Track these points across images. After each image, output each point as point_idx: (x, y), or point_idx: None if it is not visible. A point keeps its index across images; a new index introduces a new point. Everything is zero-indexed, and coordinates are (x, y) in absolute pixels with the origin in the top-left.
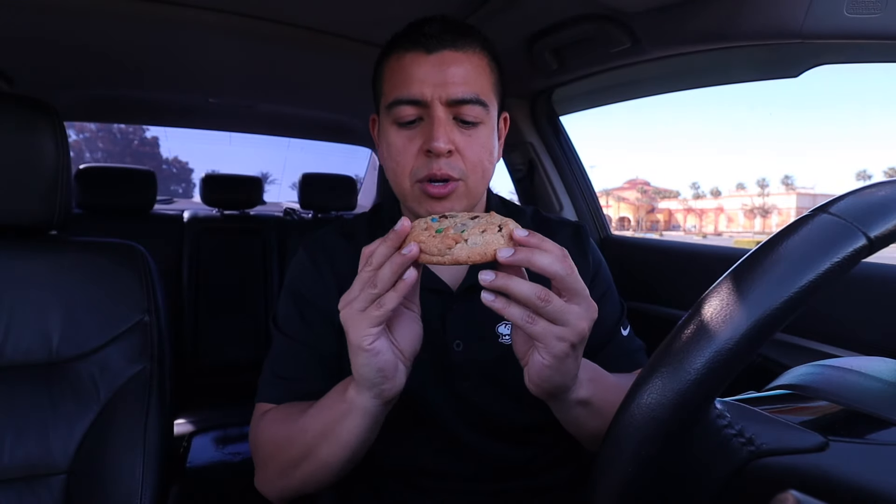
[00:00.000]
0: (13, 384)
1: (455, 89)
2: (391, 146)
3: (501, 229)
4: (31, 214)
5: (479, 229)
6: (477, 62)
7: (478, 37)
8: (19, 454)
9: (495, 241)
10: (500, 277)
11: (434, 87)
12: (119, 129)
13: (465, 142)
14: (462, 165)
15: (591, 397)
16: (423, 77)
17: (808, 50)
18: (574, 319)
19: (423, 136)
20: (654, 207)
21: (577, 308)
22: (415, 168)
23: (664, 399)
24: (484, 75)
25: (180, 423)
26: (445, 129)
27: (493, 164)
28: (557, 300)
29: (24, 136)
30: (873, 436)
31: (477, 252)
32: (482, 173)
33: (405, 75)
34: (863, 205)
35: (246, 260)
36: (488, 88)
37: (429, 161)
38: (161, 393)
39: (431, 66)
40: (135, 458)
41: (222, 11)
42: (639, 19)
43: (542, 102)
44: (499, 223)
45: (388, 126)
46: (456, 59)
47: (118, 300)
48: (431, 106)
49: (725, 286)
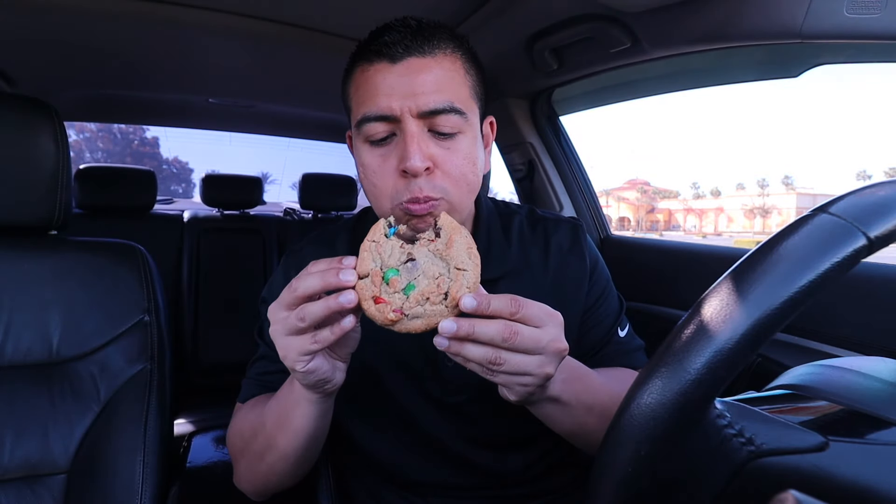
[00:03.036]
0: (13, 384)
1: (426, 99)
2: (366, 167)
3: (447, 297)
4: (31, 214)
5: (423, 295)
6: (448, 66)
7: (447, 37)
8: (19, 454)
9: (437, 314)
10: (461, 328)
11: (403, 99)
12: (119, 129)
13: (443, 156)
14: (443, 183)
15: (561, 395)
16: (390, 90)
17: (807, 50)
18: (536, 369)
19: (398, 154)
20: (654, 207)
21: (540, 358)
22: (395, 192)
23: (664, 399)
24: (458, 79)
25: (180, 422)
26: (420, 146)
27: (479, 176)
28: (514, 357)
29: (25, 136)
30: (873, 436)
31: (418, 326)
32: (467, 187)
33: (371, 89)
34: (863, 205)
35: (246, 260)
36: (465, 93)
37: (409, 183)
38: (161, 393)
39: (398, 76)
40: (135, 457)
41: (222, 11)
42: (638, 19)
43: (542, 102)
44: (448, 280)
45: (361, 144)
46: (424, 65)
47: (118, 300)
48: (402, 120)
49: (725, 286)
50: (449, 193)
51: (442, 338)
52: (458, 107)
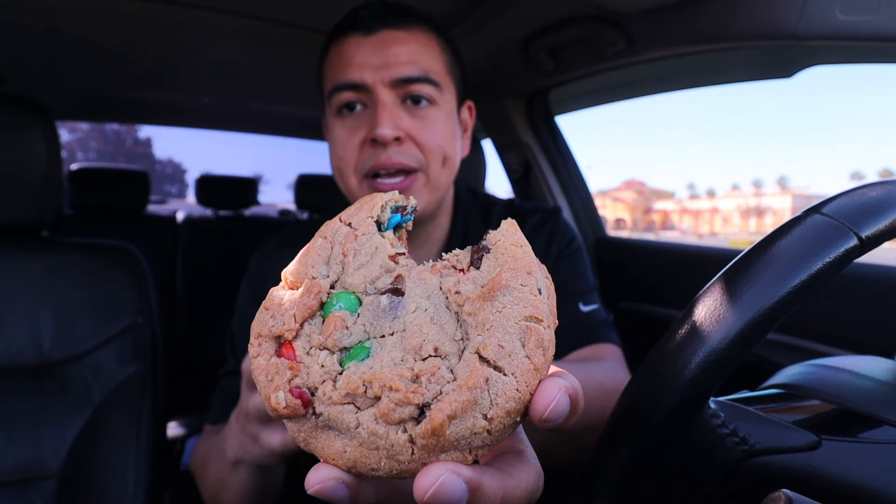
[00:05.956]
0: (4, 386)
1: (399, 69)
2: (335, 140)
3: (422, 415)
4: (21, 215)
5: (382, 384)
6: (424, 41)
7: (423, 17)
8: (10, 457)
9: (388, 452)
10: None
11: (375, 70)
12: (112, 129)
13: (417, 126)
14: (417, 153)
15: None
16: (363, 60)
17: (801, 51)
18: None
19: (368, 124)
20: (650, 208)
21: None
22: (360, 161)
23: (658, 399)
24: (433, 54)
25: (174, 425)
26: (392, 114)
27: (457, 153)
28: None
29: (15, 136)
30: (865, 434)
31: (333, 453)
32: (444, 160)
33: (344, 60)
34: (854, 205)
35: (240, 261)
36: (440, 69)
37: (375, 152)
38: (154, 395)
39: (371, 47)
40: (128, 460)
41: (216, 11)
42: (633, 20)
43: (538, 103)
44: (444, 379)
45: (332, 119)
46: (398, 38)
47: (110, 302)
48: (374, 90)
49: (718, 287)
50: (425, 165)
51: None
52: (432, 77)
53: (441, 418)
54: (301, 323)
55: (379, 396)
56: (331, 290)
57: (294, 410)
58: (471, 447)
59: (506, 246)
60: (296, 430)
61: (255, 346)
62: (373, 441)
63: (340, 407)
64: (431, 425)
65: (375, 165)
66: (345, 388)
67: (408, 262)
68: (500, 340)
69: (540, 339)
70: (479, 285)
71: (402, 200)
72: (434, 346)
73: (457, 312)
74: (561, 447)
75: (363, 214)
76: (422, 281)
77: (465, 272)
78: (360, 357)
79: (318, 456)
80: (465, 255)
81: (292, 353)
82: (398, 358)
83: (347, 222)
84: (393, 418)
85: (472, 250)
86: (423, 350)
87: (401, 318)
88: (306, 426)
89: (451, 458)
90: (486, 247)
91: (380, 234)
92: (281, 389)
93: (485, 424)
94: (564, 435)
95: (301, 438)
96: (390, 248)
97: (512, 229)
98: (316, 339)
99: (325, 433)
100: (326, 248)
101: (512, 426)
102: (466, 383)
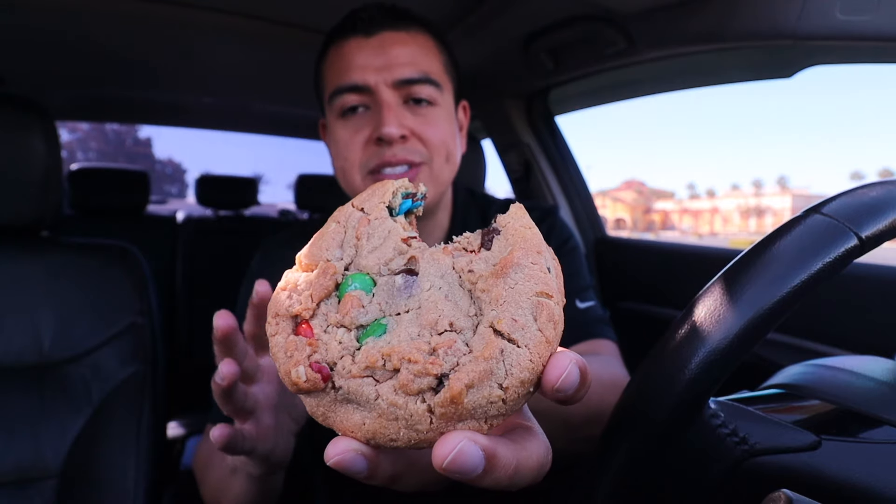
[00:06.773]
0: (4, 386)
1: (401, 70)
2: (337, 142)
3: (440, 385)
4: (21, 215)
5: (400, 357)
6: (422, 42)
7: (420, 19)
8: (10, 457)
9: (408, 422)
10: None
11: (377, 72)
12: (112, 129)
13: (420, 124)
14: (422, 148)
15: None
16: (365, 62)
17: (801, 51)
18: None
19: (372, 124)
20: (650, 208)
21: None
22: (364, 160)
23: (658, 399)
24: (432, 55)
25: (174, 425)
26: (396, 114)
27: (458, 151)
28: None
29: (15, 136)
30: (865, 434)
31: (353, 425)
32: (447, 155)
33: (345, 63)
34: (854, 205)
35: (240, 261)
36: (438, 68)
37: (380, 150)
38: (154, 395)
39: (372, 49)
40: (128, 461)
41: (216, 11)
42: (633, 20)
43: (538, 103)
44: (461, 351)
45: (334, 121)
46: (399, 39)
47: (110, 302)
48: (377, 91)
49: (718, 287)
50: (429, 158)
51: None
52: (433, 78)
53: (459, 387)
54: (318, 303)
55: (398, 369)
56: (345, 272)
57: (314, 384)
58: (486, 416)
59: (515, 227)
60: (314, 405)
61: (273, 324)
62: (392, 412)
63: (360, 380)
64: (450, 394)
65: (381, 163)
66: (364, 361)
67: (420, 244)
68: (513, 314)
69: (551, 314)
70: (490, 264)
71: (413, 187)
72: (449, 321)
73: (470, 290)
74: (559, 439)
75: (375, 200)
76: (435, 261)
77: (477, 253)
78: (378, 333)
79: (337, 430)
80: (476, 237)
81: (310, 331)
82: (415, 333)
83: (360, 207)
84: (412, 389)
85: (483, 233)
86: (439, 325)
87: (416, 297)
88: (325, 400)
89: (467, 427)
90: (497, 229)
91: (394, 219)
92: (301, 364)
93: (500, 394)
94: (562, 426)
95: (320, 413)
96: (402, 232)
97: (520, 213)
98: (333, 317)
99: (343, 407)
100: (340, 232)
101: (525, 396)
102: (483, 354)
